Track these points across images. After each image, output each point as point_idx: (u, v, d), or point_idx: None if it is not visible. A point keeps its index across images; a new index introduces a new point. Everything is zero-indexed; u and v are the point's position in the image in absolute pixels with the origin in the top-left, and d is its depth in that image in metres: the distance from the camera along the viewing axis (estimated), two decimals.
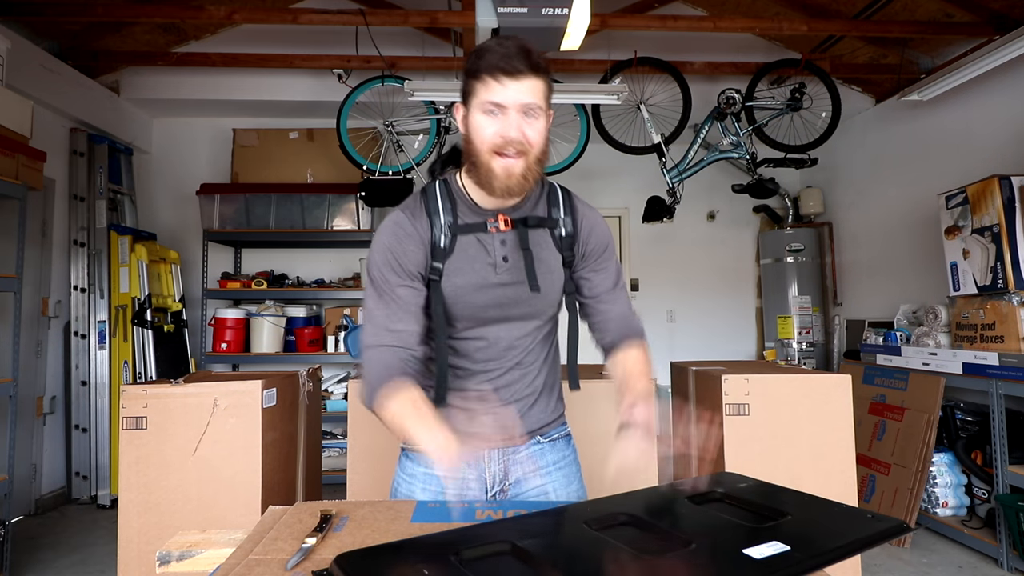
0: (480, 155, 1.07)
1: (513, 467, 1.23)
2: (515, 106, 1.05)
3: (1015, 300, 2.97)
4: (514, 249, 1.15)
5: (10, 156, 2.80)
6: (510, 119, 1.05)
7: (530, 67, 1.04)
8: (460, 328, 1.18)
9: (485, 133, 1.06)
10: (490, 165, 1.07)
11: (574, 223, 1.19)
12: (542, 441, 1.27)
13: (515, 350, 1.20)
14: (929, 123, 4.12)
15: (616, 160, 4.64)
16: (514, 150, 1.05)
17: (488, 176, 1.07)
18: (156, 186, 4.96)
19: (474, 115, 1.08)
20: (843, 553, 0.75)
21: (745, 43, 4.51)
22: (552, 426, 1.28)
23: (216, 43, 4.37)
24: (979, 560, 2.99)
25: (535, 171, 1.09)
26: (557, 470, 1.27)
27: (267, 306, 4.63)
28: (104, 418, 3.97)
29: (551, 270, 1.18)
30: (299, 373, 2.30)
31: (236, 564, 0.78)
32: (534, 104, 1.06)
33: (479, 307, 1.15)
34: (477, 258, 1.14)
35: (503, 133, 1.05)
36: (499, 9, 2.63)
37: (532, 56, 1.05)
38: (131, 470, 1.85)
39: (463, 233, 1.13)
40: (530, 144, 1.07)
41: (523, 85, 1.04)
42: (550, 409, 1.28)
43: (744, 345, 5.56)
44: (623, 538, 0.81)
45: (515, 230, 1.15)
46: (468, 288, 1.13)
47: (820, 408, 2.01)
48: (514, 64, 1.03)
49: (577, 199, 1.24)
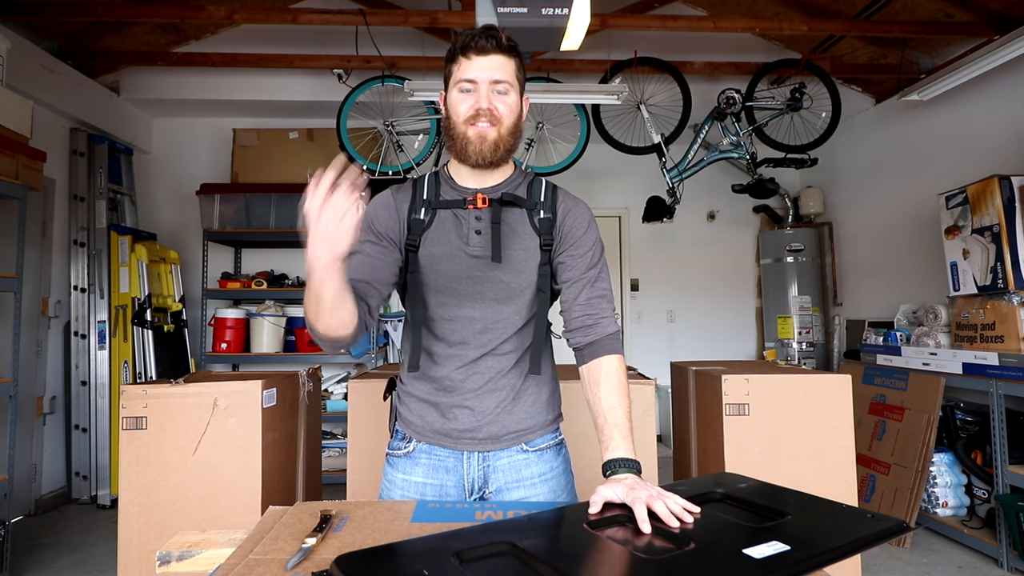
0: (456, 127, 1.15)
1: (493, 475, 1.21)
2: (485, 81, 1.13)
3: (1015, 300, 2.97)
4: (488, 225, 1.19)
5: (10, 156, 2.80)
6: (481, 92, 1.13)
7: (496, 45, 1.13)
8: (435, 304, 1.19)
9: (460, 108, 1.14)
10: (465, 134, 1.14)
11: (554, 208, 1.22)
12: (527, 449, 1.23)
13: (488, 334, 1.19)
14: (929, 123, 4.12)
15: (616, 160, 4.64)
16: (485, 120, 1.13)
17: (463, 144, 1.15)
18: (156, 186, 4.96)
19: (451, 94, 1.16)
20: (843, 553, 0.75)
21: (745, 43, 4.51)
22: (538, 433, 1.24)
23: (216, 43, 4.37)
24: (979, 560, 2.99)
25: (507, 141, 1.16)
26: (543, 482, 1.23)
27: (267, 306, 4.63)
28: (104, 418, 3.97)
29: (525, 249, 1.19)
30: (299, 373, 2.30)
31: (236, 564, 0.78)
32: (503, 79, 1.13)
33: (452, 278, 1.18)
34: (452, 230, 1.19)
35: (475, 105, 1.13)
36: (499, 9, 2.62)
37: (498, 35, 1.13)
38: (131, 470, 1.85)
39: (442, 208, 1.20)
40: (500, 116, 1.14)
41: (491, 61, 1.13)
42: (537, 412, 1.24)
43: (744, 345, 5.56)
44: (623, 539, 0.81)
45: (491, 208, 1.20)
46: (442, 258, 1.18)
47: (820, 408, 2.01)
48: (480, 43, 1.12)
49: (563, 192, 1.27)
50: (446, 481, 1.21)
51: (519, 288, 1.19)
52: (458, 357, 1.19)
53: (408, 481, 1.22)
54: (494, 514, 0.99)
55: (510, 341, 1.21)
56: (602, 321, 1.18)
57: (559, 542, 0.83)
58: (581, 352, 1.19)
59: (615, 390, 1.12)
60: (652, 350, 5.40)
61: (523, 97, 1.20)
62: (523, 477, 1.22)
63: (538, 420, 1.24)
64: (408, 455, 1.24)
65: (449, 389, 1.20)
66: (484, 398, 1.20)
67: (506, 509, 1.01)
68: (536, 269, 1.19)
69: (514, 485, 1.21)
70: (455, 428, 1.20)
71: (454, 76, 1.16)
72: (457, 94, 1.15)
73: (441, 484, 1.22)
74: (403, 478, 1.23)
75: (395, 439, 1.27)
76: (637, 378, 2.13)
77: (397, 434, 1.27)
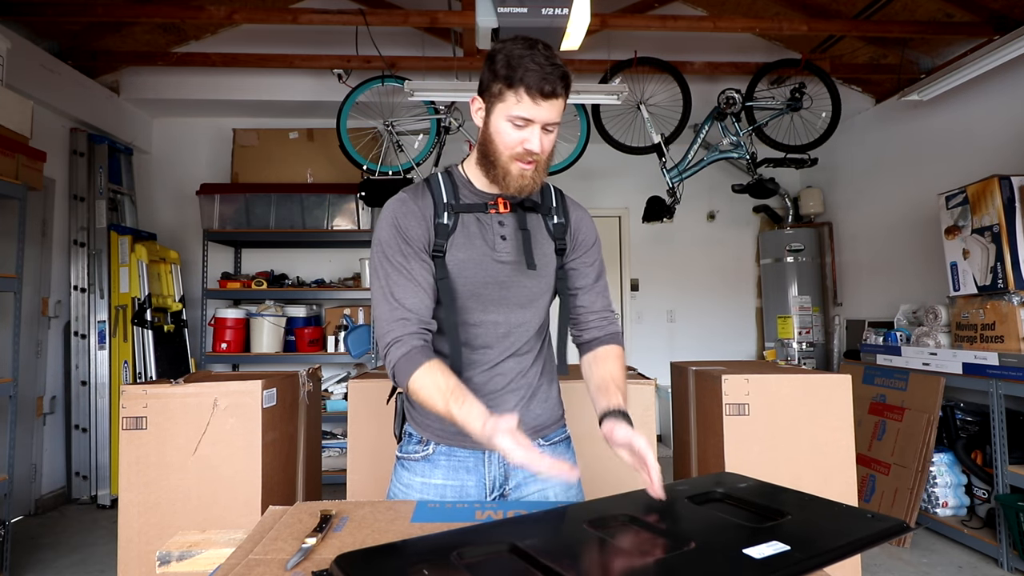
0: (499, 157, 1.13)
1: (514, 470, 1.23)
2: (542, 122, 1.10)
3: (1015, 300, 2.97)
4: (513, 230, 1.19)
5: (10, 156, 2.80)
6: (535, 133, 1.10)
7: (564, 89, 1.10)
8: (460, 310, 1.19)
9: (509, 139, 1.11)
10: (508, 168, 1.13)
11: (565, 214, 1.26)
12: (543, 444, 1.26)
13: (511, 337, 1.21)
14: (929, 123, 4.12)
15: (616, 160, 4.64)
16: (531, 159, 1.12)
17: (505, 176, 1.14)
18: (156, 186, 4.96)
19: (499, 120, 1.11)
20: (843, 553, 0.75)
21: (745, 43, 4.51)
22: (552, 428, 1.29)
23: (216, 43, 4.37)
24: (979, 560, 2.99)
25: (543, 172, 1.17)
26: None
27: (267, 306, 4.63)
28: (104, 418, 3.97)
29: (545, 254, 1.22)
30: (299, 373, 2.30)
31: (236, 564, 0.78)
32: (556, 121, 1.12)
33: (480, 283, 1.17)
34: (478, 235, 1.18)
35: (527, 146, 1.10)
36: (499, 9, 2.62)
37: (568, 80, 1.10)
38: (131, 470, 1.85)
39: (464, 212, 1.18)
40: (544, 154, 1.14)
41: (554, 105, 1.10)
42: (549, 408, 1.28)
43: (744, 345, 5.56)
44: (623, 538, 0.81)
45: (514, 213, 1.20)
46: (469, 263, 1.17)
47: (820, 408, 2.01)
48: (550, 88, 1.07)
49: (568, 198, 1.31)
50: (467, 481, 1.21)
51: (540, 292, 1.23)
52: (481, 362, 1.20)
53: (427, 484, 1.21)
54: (494, 514, 0.99)
55: (529, 342, 1.24)
56: (611, 325, 1.30)
57: (560, 542, 0.83)
58: (588, 344, 1.28)
59: (620, 368, 1.23)
60: (652, 350, 5.40)
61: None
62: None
63: (551, 416, 1.29)
64: (427, 458, 1.22)
65: (473, 389, 1.20)
66: (505, 398, 1.21)
67: (506, 509, 1.01)
68: (554, 273, 1.24)
69: (532, 479, 1.23)
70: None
71: (508, 104, 1.09)
72: (508, 125, 1.10)
73: (461, 485, 1.21)
74: (422, 481, 1.22)
75: (409, 443, 1.25)
76: (637, 378, 2.13)
77: (411, 438, 1.25)
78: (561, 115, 1.13)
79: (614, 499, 0.96)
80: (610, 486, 1.08)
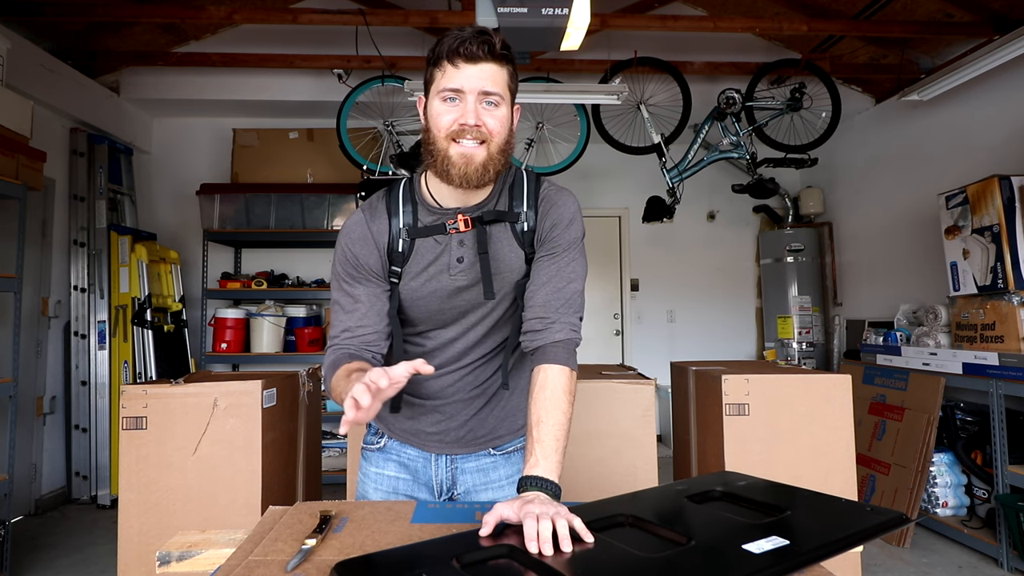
0: (437, 142, 1.03)
1: (461, 476, 1.23)
2: (473, 92, 1.00)
3: (1015, 300, 2.97)
4: (472, 251, 1.09)
5: (10, 156, 2.80)
6: (468, 105, 1.00)
7: (489, 52, 0.99)
8: (418, 329, 1.17)
9: (442, 120, 1.01)
10: (447, 152, 1.02)
11: (536, 215, 1.11)
12: (494, 453, 1.24)
13: (470, 354, 1.18)
14: (929, 123, 4.12)
15: (616, 160, 4.64)
16: (472, 137, 1.01)
17: (445, 164, 1.02)
18: (156, 186, 4.96)
19: (432, 103, 1.03)
20: (843, 545, 0.75)
21: (745, 43, 4.51)
22: (507, 438, 1.25)
23: (216, 43, 4.37)
24: (979, 560, 2.99)
25: (497, 161, 1.04)
26: (511, 484, 1.22)
27: (267, 306, 4.63)
28: (104, 418, 3.97)
29: (511, 268, 1.11)
30: (299, 373, 2.30)
31: (236, 565, 0.78)
32: (494, 91, 1.01)
33: (434, 311, 1.14)
34: (434, 262, 1.10)
35: (460, 119, 1.00)
36: (499, 9, 2.62)
37: (491, 41, 0.99)
38: (131, 470, 1.85)
39: (421, 236, 1.10)
40: (490, 132, 1.01)
41: (481, 70, 0.99)
42: (507, 419, 1.23)
43: (744, 345, 5.56)
44: (624, 539, 0.81)
45: (475, 230, 1.09)
46: (423, 292, 1.11)
47: (820, 408, 2.01)
48: (471, 48, 0.98)
49: (547, 186, 1.14)
50: (418, 479, 1.23)
51: (502, 310, 1.16)
52: (436, 376, 1.17)
53: (381, 475, 1.24)
54: None
55: (488, 354, 1.19)
56: (552, 327, 1.07)
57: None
58: (532, 357, 1.09)
59: (547, 403, 1.01)
60: (652, 350, 5.40)
61: (514, 108, 1.08)
62: (491, 480, 1.23)
63: (508, 427, 1.24)
64: (380, 450, 1.26)
65: (424, 397, 1.20)
66: (457, 407, 1.20)
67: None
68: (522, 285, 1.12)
69: (482, 487, 1.22)
70: (423, 430, 1.22)
71: (436, 82, 1.02)
72: (439, 104, 1.02)
73: (413, 480, 1.23)
74: (376, 472, 1.25)
75: (368, 433, 1.29)
76: (637, 378, 2.13)
77: (370, 428, 1.29)
78: (503, 87, 1.02)
79: (614, 500, 0.96)
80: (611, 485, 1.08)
